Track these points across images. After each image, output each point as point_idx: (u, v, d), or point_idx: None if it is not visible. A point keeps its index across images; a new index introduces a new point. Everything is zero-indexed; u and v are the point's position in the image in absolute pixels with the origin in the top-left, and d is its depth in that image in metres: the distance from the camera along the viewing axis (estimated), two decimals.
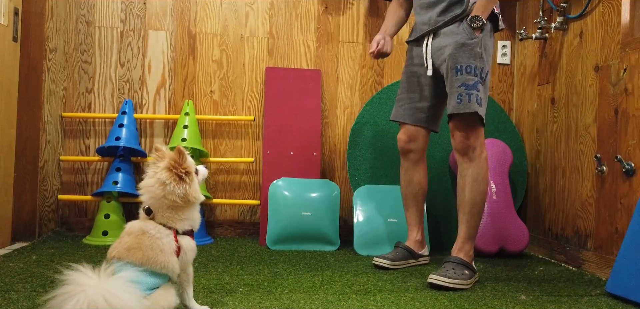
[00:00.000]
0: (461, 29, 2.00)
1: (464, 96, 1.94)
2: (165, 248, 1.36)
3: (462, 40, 1.98)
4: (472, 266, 2.01)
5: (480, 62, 1.97)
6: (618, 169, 2.14)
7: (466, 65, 1.96)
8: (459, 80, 1.96)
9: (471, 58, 1.96)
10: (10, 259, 2.11)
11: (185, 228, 1.42)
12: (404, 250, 2.28)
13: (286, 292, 1.78)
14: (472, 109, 1.93)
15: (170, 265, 1.36)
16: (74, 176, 2.85)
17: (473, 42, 1.97)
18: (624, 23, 2.17)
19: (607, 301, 1.82)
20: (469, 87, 1.94)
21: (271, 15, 2.97)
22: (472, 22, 1.97)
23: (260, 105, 2.96)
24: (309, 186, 2.70)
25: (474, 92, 1.93)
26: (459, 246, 2.05)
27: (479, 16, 1.96)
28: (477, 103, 1.93)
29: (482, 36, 1.98)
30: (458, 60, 1.97)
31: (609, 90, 2.22)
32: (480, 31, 1.97)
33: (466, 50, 1.97)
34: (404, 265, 2.25)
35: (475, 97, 1.93)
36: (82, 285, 1.19)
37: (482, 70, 1.97)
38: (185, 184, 1.38)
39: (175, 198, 1.37)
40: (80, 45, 2.86)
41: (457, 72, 1.97)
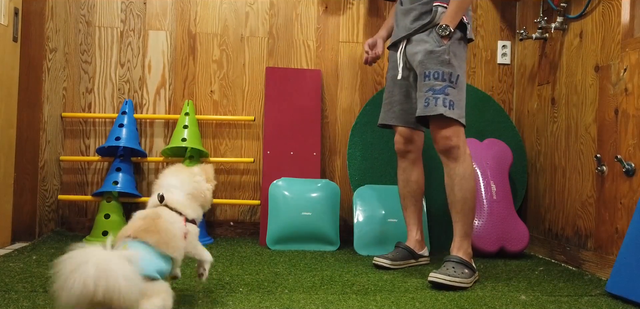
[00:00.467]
0: (430, 37, 2.08)
1: (430, 100, 2.03)
2: (177, 232, 1.49)
3: (430, 47, 2.06)
4: (472, 265, 2.03)
5: (449, 67, 2.04)
6: (618, 169, 2.14)
7: (434, 71, 2.04)
8: (427, 85, 2.05)
9: (439, 65, 2.04)
10: (10, 259, 2.11)
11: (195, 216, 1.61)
12: (404, 250, 2.29)
13: (286, 292, 1.78)
14: (436, 111, 2.01)
15: (180, 249, 1.48)
16: (74, 176, 2.85)
17: (441, 49, 2.04)
18: (624, 23, 2.17)
19: (607, 301, 1.82)
20: (436, 92, 2.02)
21: (271, 15, 2.97)
22: (440, 30, 2.04)
23: (260, 105, 2.96)
24: (309, 186, 2.70)
25: (440, 95, 2.01)
26: (457, 245, 2.07)
27: (446, 25, 2.04)
28: (443, 106, 2.00)
29: (450, 44, 2.05)
30: (426, 67, 2.05)
31: (609, 90, 2.22)
32: (448, 39, 2.05)
33: (434, 57, 2.04)
34: (404, 265, 2.26)
35: (443, 101, 2.01)
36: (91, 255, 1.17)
37: (451, 75, 2.03)
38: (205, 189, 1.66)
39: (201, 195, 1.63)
40: (80, 45, 2.86)
41: (426, 78, 2.05)
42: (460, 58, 2.09)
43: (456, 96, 2.04)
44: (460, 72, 2.07)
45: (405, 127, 2.30)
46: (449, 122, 2.04)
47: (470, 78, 3.07)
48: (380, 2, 3.04)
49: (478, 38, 3.08)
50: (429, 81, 2.04)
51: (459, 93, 2.06)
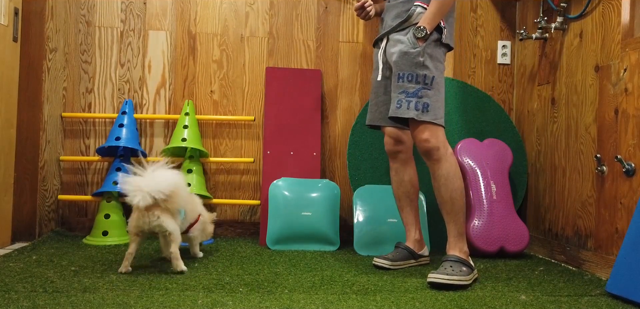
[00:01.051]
0: (407, 38, 2.06)
1: (403, 102, 2.02)
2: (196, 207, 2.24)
3: (405, 49, 2.04)
4: (469, 263, 2.02)
5: (423, 69, 2.02)
6: (618, 169, 2.14)
7: (408, 74, 2.02)
8: (400, 86, 2.04)
9: (413, 67, 2.02)
10: (10, 259, 2.11)
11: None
12: (404, 250, 2.29)
13: (286, 292, 1.78)
14: (408, 115, 2.01)
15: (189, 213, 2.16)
16: (74, 176, 2.85)
17: (415, 51, 2.02)
18: (624, 23, 2.17)
19: (607, 301, 1.82)
20: (409, 94, 2.01)
21: (271, 15, 2.97)
22: (416, 32, 2.02)
23: (260, 105, 2.96)
24: (309, 186, 2.70)
25: (413, 99, 2.01)
26: (452, 244, 2.07)
27: (422, 27, 2.02)
28: (415, 110, 2.00)
29: (426, 45, 2.03)
30: (401, 68, 2.04)
31: (609, 90, 2.22)
32: (423, 41, 2.03)
33: (408, 59, 2.03)
34: (404, 265, 2.26)
35: (415, 104, 2.00)
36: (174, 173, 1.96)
37: (426, 77, 2.02)
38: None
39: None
40: (80, 45, 2.86)
41: (399, 79, 2.04)
42: (437, 59, 2.07)
43: (432, 98, 2.03)
44: (436, 74, 2.04)
45: (392, 127, 2.29)
46: (425, 125, 2.03)
47: (470, 78, 3.07)
48: None
49: (478, 38, 3.08)
50: (403, 83, 2.03)
51: (435, 95, 2.04)
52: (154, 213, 1.90)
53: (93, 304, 1.56)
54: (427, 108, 2.01)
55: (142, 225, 1.92)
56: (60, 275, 1.89)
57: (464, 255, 2.04)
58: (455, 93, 2.90)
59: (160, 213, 1.91)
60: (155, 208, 1.90)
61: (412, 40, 2.04)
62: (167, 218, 1.93)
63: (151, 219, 1.91)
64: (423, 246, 2.37)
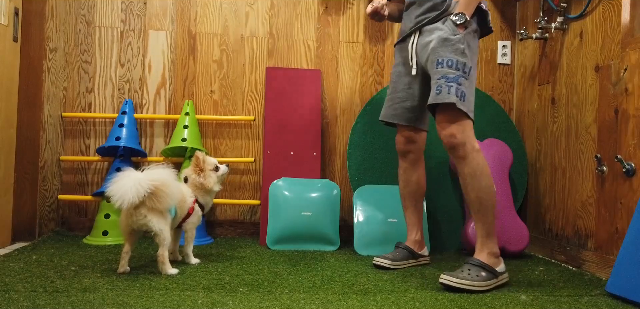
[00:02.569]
0: (445, 25, 2.02)
1: (443, 87, 1.95)
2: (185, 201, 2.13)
3: (445, 35, 2.00)
4: (493, 269, 1.94)
5: (463, 57, 1.97)
6: (618, 169, 2.14)
7: (448, 59, 1.97)
8: (440, 72, 1.97)
9: (453, 53, 1.97)
10: (10, 259, 2.11)
11: (201, 202, 2.20)
12: (404, 250, 2.28)
13: (286, 292, 1.78)
14: (449, 100, 1.93)
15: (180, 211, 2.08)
16: (74, 176, 2.86)
17: (456, 38, 1.98)
18: (624, 23, 2.17)
19: (607, 301, 1.82)
20: (449, 80, 1.94)
21: (271, 15, 2.97)
22: (456, 18, 1.99)
23: (260, 105, 2.96)
24: (309, 186, 2.70)
25: (454, 84, 1.94)
26: (479, 247, 2.00)
27: (462, 13, 1.99)
28: (456, 96, 1.93)
29: (465, 34, 2.00)
30: (440, 54, 1.99)
31: (609, 90, 2.22)
32: (463, 28, 2.00)
33: (449, 45, 1.98)
34: (404, 265, 2.26)
35: (456, 90, 1.93)
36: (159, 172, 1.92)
37: (465, 65, 1.97)
38: (200, 177, 2.18)
39: (195, 183, 2.18)
40: (80, 45, 2.86)
41: (438, 65, 1.98)
42: (473, 51, 2.04)
43: (467, 88, 1.97)
44: (472, 65, 2.01)
45: (406, 126, 2.27)
46: (456, 116, 1.96)
47: None
48: None
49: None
50: (442, 68, 1.97)
51: (470, 86, 1.99)
52: (141, 212, 1.87)
53: (93, 304, 1.56)
54: (464, 98, 1.95)
55: (131, 223, 1.90)
56: (60, 275, 1.89)
57: (491, 259, 1.97)
58: None
59: (147, 212, 1.88)
60: (141, 207, 1.86)
61: (452, 27, 2.00)
62: (154, 217, 1.89)
63: (138, 218, 1.88)
64: (423, 246, 2.36)
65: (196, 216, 2.17)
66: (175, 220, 2.07)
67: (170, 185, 1.92)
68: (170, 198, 1.92)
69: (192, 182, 2.18)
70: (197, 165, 2.17)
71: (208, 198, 2.23)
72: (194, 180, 2.17)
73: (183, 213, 2.11)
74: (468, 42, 2.01)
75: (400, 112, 2.25)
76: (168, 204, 1.93)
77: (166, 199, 1.90)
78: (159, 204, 1.88)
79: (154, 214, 1.89)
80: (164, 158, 2.81)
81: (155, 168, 1.93)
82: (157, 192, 1.87)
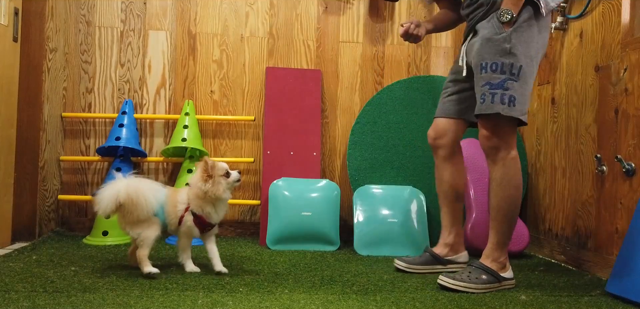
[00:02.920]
0: (490, 23, 1.88)
1: (487, 96, 1.84)
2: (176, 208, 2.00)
3: (488, 35, 1.87)
4: (496, 273, 1.91)
5: (510, 57, 1.83)
6: (618, 169, 2.14)
7: (491, 63, 1.84)
8: (483, 78, 1.86)
9: (497, 55, 1.84)
10: (10, 259, 2.11)
11: (196, 211, 1.99)
12: (428, 255, 2.17)
13: (286, 292, 1.78)
14: (493, 110, 1.83)
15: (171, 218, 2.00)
16: (74, 176, 2.85)
17: (500, 37, 1.84)
18: (624, 23, 2.17)
19: (607, 301, 1.82)
20: (493, 86, 1.83)
21: (271, 15, 2.97)
22: (500, 16, 1.84)
23: (260, 105, 2.96)
24: (309, 186, 2.70)
25: (498, 91, 1.82)
26: (486, 253, 1.96)
27: (507, 9, 1.83)
28: (501, 103, 1.82)
29: (513, 30, 1.84)
30: (483, 57, 1.87)
31: (609, 90, 2.22)
32: (509, 25, 1.84)
33: (492, 45, 1.85)
34: (423, 270, 2.12)
35: (501, 97, 1.82)
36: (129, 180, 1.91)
37: (513, 66, 1.82)
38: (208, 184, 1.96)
39: (198, 191, 1.98)
40: (80, 45, 2.86)
41: (482, 70, 1.87)
42: (528, 43, 1.85)
43: (517, 90, 1.83)
44: (524, 62, 1.84)
45: (443, 118, 2.13)
46: (497, 121, 1.86)
47: None
48: (380, 2, 3.04)
49: None
50: (486, 73, 1.85)
51: (521, 87, 1.84)
52: (119, 219, 1.95)
53: (93, 304, 1.56)
54: (513, 102, 1.82)
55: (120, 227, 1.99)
56: (60, 275, 1.89)
57: (495, 265, 1.93)
58: None
59: (122, 219, 1.93)
60: (118, 215, 1.93)
61: (496, 25, 1.86)
62: (127, 225, 1.93)
63: (119, 223, 1.97)
64: (458, 251, 2.21)
65: (186, 226, 1.99)
66: (170, 226, 2.01)
67: (140, 196, 1.88)
68: (139, 208, 1.89)
69: (192, 190, 2.00)
70: (205, 171, 1.96)
71: (214, 207, 2.00)
72: (195, 188, 1.98)
73: (172, 220, 1.99)
74: (519, 37, 1.84)
75: (444, 107, 2.13)
76: (139, 214, 1.90)
77: (135, 210, 1.89)
78: (128, 214, 1.90)
79: (127, 221, 1.93)
80: (164, 158, 2.81)
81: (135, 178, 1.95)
82: (126, 203, 1.88)
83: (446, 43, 3.12)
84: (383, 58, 3.04)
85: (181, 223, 1.99)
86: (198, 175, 1.98)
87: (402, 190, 2.72)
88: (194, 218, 1.99)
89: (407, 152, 2.84)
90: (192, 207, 1.99)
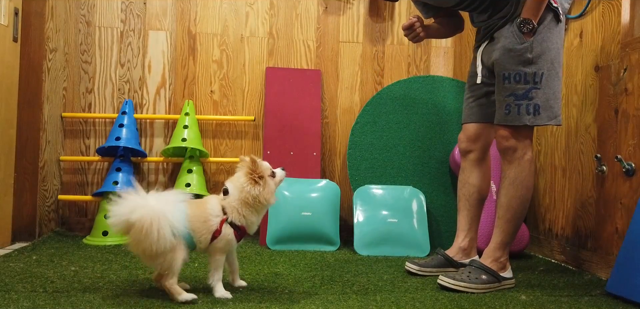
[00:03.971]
0: (510, 32, 1.87)
1: (512, 107, 1.85)
2: (208, 222, 1.63)
3: (509, 45, 1.86)
4: (496, 273, 1.91)
5: (533, 67, 1.84)
6: (618, 169, 2.14)
7: (514, 74, 1.85)
8: (507, 89, 1.87)
9: (520, 65, 1.84)
10: (10, 260, 2.11)
11: (237, 222, 1.67)
12: (440, 257, 2.14)
13: (286, 292, 1.78)
14: (521, 121, 1.86)
15: (200, 236, 1.63)
16: (74, 176, 2.85)
17: (522, 47, 1.84)
18: (624, 23, 2.17)
19: (607, 301, 1.82)
20: (518, 97, 1.84)
21: (271, 15, 2.97)
22: (521, 26, 1.83)
23: (260, 105, 2.96)
24: (309, 187, 2.70)
25: (523, 101, 1.84)
26: (488, 252, 1.96)
27: (528, 19, 1.82)
28: (527, 114, 1.84)
29: (534, 39, 1.84)
30: (505, 67, 1.87)
31: (609, 90, 2.22)
32: (530, 35, 1.84)
33: (514, 56, 1.85)
34: (437, 273, 2.03)
35: (526, 108, 1.83)
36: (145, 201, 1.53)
37: (536, 74, 1.83)
38: (259, 186, 1.66)
39: (248, 198, 1.65)
40: (80, 45, 2.86)
41: (505, 80, 1.87)
42: (548, 47, 1.84)
43: (541, 98, 1.84)
44: (545, 68, 1.84)
45: (474, 123, 2.10)
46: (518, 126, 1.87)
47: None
48: (380, 2, 3.04)
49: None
50: (510, 84, 1.85)
51: (544, 93, 1.85)
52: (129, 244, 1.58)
53: (93, 304, 1.56)
54: (538, 110, 1.84)
55: None
56: (60, 275, 1.89)
57: (496, 265, 1.92)
58: (455, 93, 2.89)
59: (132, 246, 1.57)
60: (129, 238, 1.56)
61: (517, 34, 1.84)
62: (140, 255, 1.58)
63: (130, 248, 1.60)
64: (470, 255, 2.16)
65: (224, 241, 1.65)
66: (201, 244, 1.65)
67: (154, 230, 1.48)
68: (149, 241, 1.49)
69: (240, 195, 1.66)
70: (254, 170, 1.66)
71: (257, 216, 1.71)
72: (246, 194, 1.65)
73: (204, 237, 1.63)
74: (539, 44, 1.84)
75: (471, 110, 2.10)
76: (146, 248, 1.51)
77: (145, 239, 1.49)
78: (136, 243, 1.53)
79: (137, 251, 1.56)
80: (164, 159, 2.81)
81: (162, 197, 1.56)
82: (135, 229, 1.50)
83: (446, 43, 3.12)
84: (383, 58, 3.04)
85: (216, 239, 1.64)
86: (244, 178, 1.66)
87: (402, 190, 2.72)
88: (234, 231, 1.66)
89: (407, 152, 2.84)
90: (233, 217, 1.65)
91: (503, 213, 1.94)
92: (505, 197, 1.93)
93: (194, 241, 1.63)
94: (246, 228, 1.69)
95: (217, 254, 1.67)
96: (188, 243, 1.61)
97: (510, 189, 1.92)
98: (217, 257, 1.67)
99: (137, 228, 1.49)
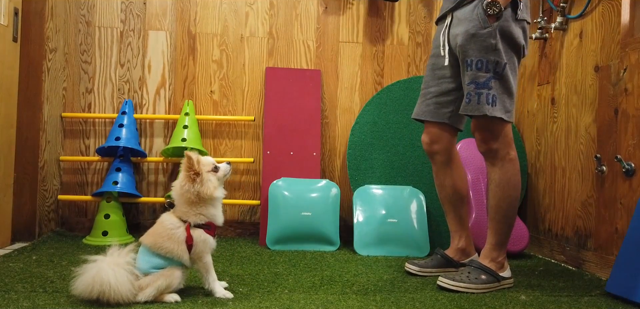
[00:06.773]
0: (475, 14, 1.79)
1: (472, 96, 1.79)
2: (174, 237, 1.61)
3: (472, 29, 1.79)
4: (495, 273, 1.91)
5: (495, 54, 1.76)
6: (618, 169, 2.14)
7: (477, 60, 1.78)
8: (469, 76, 1.80)
9: (482, 52, 1.77)
10: (10, 260, 2.11)
11: (199, 221, 1.64)
12: (440, 257, 2.13)
13: (286, 292, 1.78)
14: (480, 111, 1.78)
15: (176, 252, 1.60)
16: (74, 176, 2.85)
17: (485, 32, 1.76)
18: (624, 23, 2.17)
19: (607, 301, 1.82)
20: (479, 85, 1.77)
21: (271, 15, 2.97)
22: (488, 8, 1.74)
23: (260, 105, 2.96)
24: (309, 186, 2.70)
25: (484, 90, 1.76)
26: (485, 253, 1.96)
27: (496, 2, 1.73)
28: (488, 104, 1.77)
29: (499, 24, 1.76)
30: (468, 53, 1.80)
31: (609, 90, 2.22)
32: (495, 19, 1.75)
33: (477, 41, 1.78)
34: (437, 274, 2.05)
35: (486, 97, 1.76)
36: (96, 262, 1.52)
37: (498, 64, 1.77)
38: (196, 184, 1.63)
39: (190, 196, 1.63)
40: (80, 45, 2.86)
41: (467, 67, 1.81)
42: (514, 40, 1.80)
43: (500, 90, 1.78)
44: (507, 58, 1.79)
45: (434, 124, 2.03)
46: (490, 121, 1.82)
47: None
48: (380, 2, 3.04)
49: None
50: (471, 71, 1.78)
51: (502, 86, 1.79)
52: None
53: (93, 304, 1.56)
54: (495, 102, 1.77)
55: None
56: (60, 275, 1.89)
57: (494, 265, 1.91)
58: None
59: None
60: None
61: (481, 17, 1.77)
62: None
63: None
64: (469, 254, 2.15)
65: (200, 243, 1.63)
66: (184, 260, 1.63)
67: (112, 288, 1.48)
68: (120, 293, 1.50)
69: (182, 197, 1.64)
70: (190, 167, 1.63)
71: (214, 208, 1.68)
72: (186, 192, 1.63)
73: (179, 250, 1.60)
74: (503, 34, 1.78)
75: (430, 109, 2.02)
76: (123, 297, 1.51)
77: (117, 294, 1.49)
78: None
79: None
80: (164, 159, 2.81)
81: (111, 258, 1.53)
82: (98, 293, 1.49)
83: None
84: (383, 58, 3.04)
85: (192, 248, 1.62)
86: (183, 177, 1.64)
87: (402, 190, 2.72)
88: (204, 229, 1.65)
89: (407, 152, 2.84)
90: (191, 219, 1.63)
91: (493, 215, 1.93)
92: (494, 199, 1.92)
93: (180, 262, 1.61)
94: (212, 222, 1.67)
95: (202, 258, 1.65)
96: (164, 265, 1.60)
97: (498, 191, 1.90)
98: (203, 261, 1.66)
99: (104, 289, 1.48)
